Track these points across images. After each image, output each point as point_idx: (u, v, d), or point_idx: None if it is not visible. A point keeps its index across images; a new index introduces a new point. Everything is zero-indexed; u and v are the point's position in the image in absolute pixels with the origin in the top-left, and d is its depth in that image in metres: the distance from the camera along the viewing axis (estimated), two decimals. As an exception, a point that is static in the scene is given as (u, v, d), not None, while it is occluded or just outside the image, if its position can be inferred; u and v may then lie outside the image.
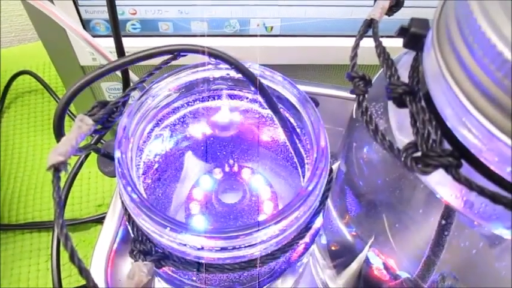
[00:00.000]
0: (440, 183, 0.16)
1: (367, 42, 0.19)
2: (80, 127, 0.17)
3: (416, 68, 0.17)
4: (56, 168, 0.14)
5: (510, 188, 0.14)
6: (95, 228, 0.42)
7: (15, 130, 0.50)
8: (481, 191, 0.14)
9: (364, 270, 0.23)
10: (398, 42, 0.18)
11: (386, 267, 0.21)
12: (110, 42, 0.25)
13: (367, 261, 0.22)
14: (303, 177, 0.22)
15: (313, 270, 0.30)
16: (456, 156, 0.14)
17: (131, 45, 0.35)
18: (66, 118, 0.19)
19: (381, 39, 0.19)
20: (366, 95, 0.18)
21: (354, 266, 0.24)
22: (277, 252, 0.19)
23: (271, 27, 0.35)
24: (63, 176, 0.17)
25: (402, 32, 0.18)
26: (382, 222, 0.20)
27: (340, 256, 0.26)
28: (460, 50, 0.13)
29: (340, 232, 0.25)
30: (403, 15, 0.20)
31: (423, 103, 0.16)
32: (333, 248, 0.27)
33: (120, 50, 0.25)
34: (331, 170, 0.21)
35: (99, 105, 0.18)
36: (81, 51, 0.36)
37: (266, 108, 0.22)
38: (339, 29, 0.36)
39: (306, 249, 0.22)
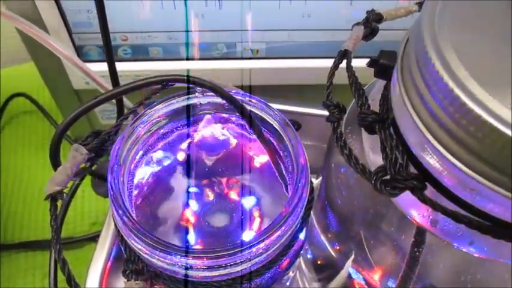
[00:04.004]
0: (409, 204, 0.18)
1: (356, 62, 0.20)
2: (74, 157, 0.18)
3: (386, 96, 0.19)
4: (53, 198, 0.16)
5: (469, 208, 0.15)
6: (89, 246, 0.43)
7: (10, 151, 0.50)
8: (444, 211, 0.15)
9: (347, 284, 0.25)
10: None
11: (367, 282, 0.23)
12: (102, 66, 0.26)
13: (349, 275, 0.24)
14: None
15: (301, 283, 0.31)
16: (421, 179, 0.16)
17: (123, 69, 0.36)
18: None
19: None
20: (341, 122, 0.19)
21: (338, 280, 0.25)
22: (261, 269, 0.20)
23: (257, 50, 0.37)
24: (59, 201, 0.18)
25: (373, 63, 0.19)
26: (360, 239, 0.21)
27: (325, 270, 0.27)
28: (419, 86, 0.15)
29: (324, 247, 0.26)
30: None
31: (391, 130, 0.17)
32: (318, 262, 0.28)
33: (113, 78, 0.26)
34: (312, 190, 0.23)
35: (93, 135, 0.19)
36: (74, 76, 0.37)
37: (251, 132, 0.24)
38: (322, 50, 0.37)
39: (291, 264, 0.23)
